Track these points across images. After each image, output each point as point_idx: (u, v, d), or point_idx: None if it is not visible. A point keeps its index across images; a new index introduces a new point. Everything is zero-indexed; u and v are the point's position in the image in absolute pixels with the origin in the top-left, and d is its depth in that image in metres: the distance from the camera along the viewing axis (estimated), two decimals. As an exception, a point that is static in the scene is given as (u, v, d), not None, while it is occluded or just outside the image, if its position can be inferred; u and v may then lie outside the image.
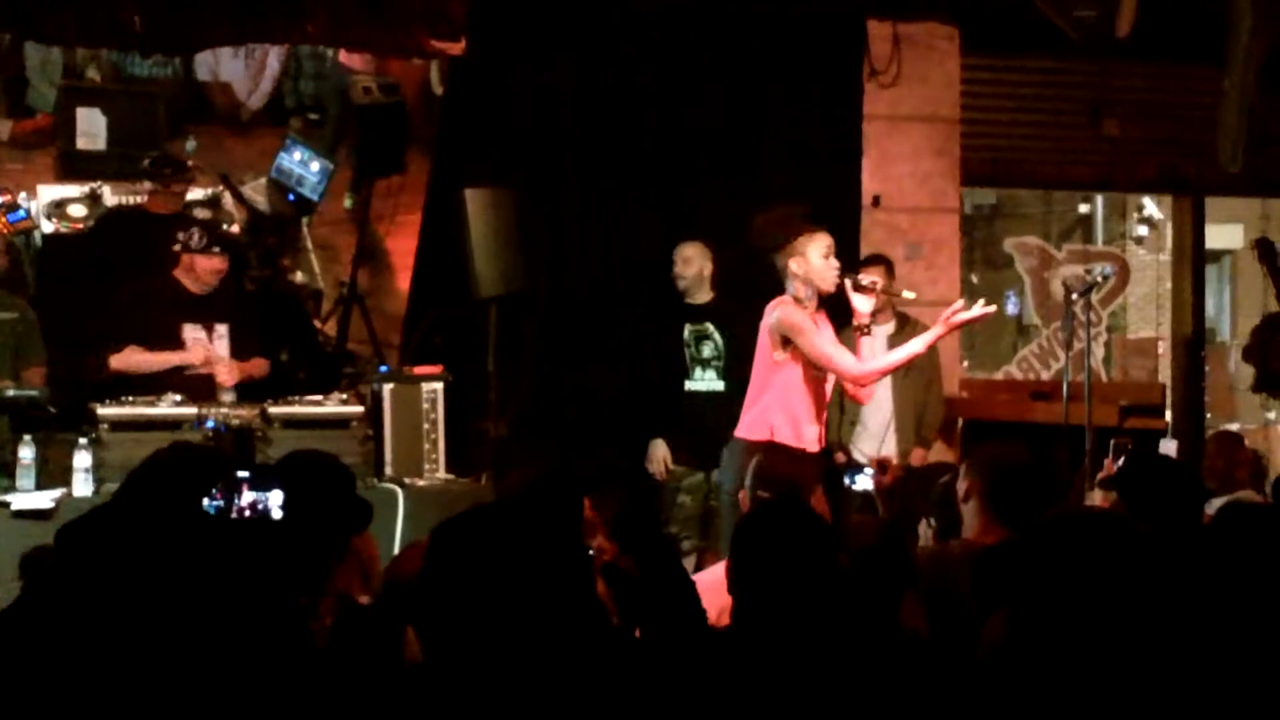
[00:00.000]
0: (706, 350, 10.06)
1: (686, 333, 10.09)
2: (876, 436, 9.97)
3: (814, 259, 7.67)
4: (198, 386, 8.96)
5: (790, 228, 7.73)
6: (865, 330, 7.78)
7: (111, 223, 10.88)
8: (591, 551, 5.05)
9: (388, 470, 8.87)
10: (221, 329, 9.20)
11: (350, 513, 5.61)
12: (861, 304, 7.75)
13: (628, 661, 4.01)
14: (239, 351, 9.23)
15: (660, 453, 9.99)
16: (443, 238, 10.19)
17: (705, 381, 10.06)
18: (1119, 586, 3.90)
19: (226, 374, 9.05)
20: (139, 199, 11.07)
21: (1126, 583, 3.91)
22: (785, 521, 4.61)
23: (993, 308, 7.64)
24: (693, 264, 10.13)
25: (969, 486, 5.92)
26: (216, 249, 9.20)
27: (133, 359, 9.01)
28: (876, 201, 11.15)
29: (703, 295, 10.17)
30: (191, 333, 9.13)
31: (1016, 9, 10.71)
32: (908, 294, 8.31)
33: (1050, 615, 3.95)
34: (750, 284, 9.70)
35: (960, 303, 7.71)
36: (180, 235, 9.20)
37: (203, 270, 9.12)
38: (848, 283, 7.71)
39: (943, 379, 10.42)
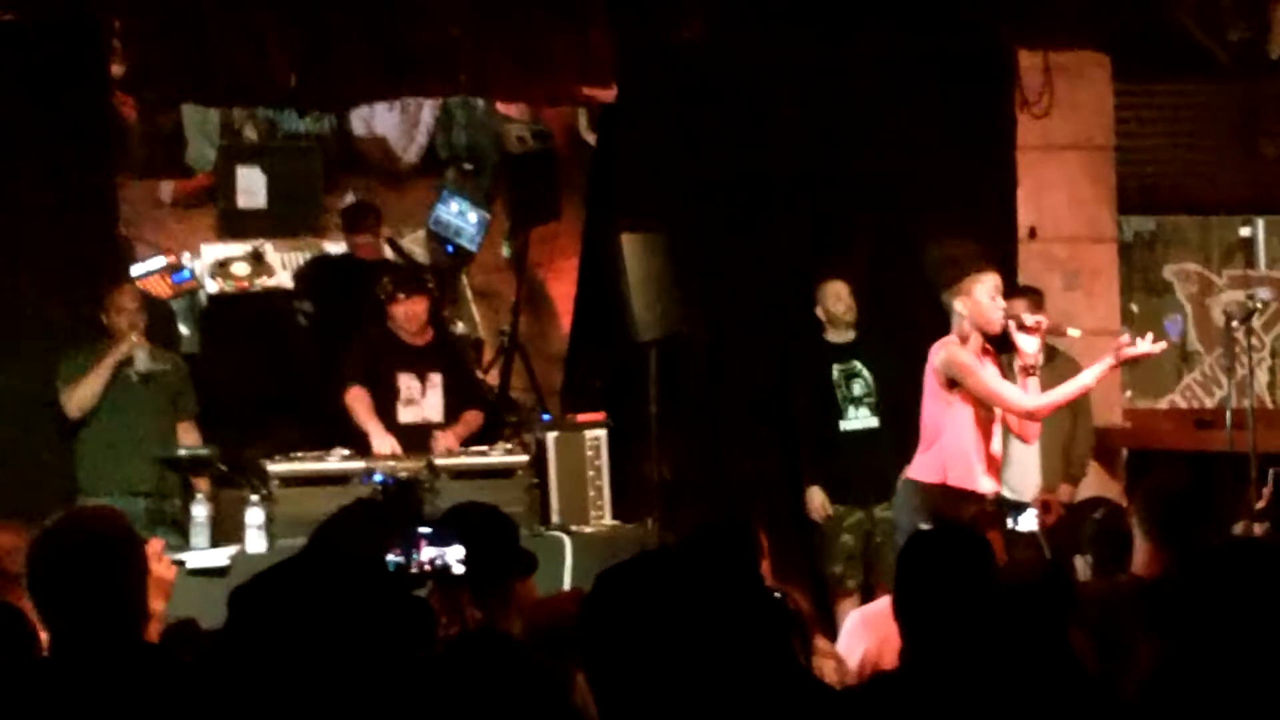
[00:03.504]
0: (857, 388, 9.98)
1: (835, 373, 10.02)
2: (1023, 471, 9.81)
3: (981, 299, 7.61)
4: (413, 438, 9.10)
5: (959, 266, 7.68)
6: (1031, 371, 7.68)
7: (321, 269, 11.03)
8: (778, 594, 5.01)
9: (554, 518, 8.94)
10: (435, 378, 9.35)
11: (514, 561, 5.68)
12: (1027, 344, 7.65)
13: (816, 705, 4.00)
14: (454, 400, 9.36)
15: (818, 500, 9.93)
16: (600, 282, 10.22)
17: (859, 420, 9.98)
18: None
19: (447, 444, 9.14)
20: (341, 248, 11.23)
21: None
22: (949, 546, 4.62)
23: (1163, 344, 7.56)
24: (843, 300, 10.06)
25: (1135, 518, 5.86)
26: (402, 295, 9.31)
27: (355, 405, 9.17)
28: (1033, 234, 11.07)
29: (847, 333, 10.11)
30: (405, 381, 9.27)
31: (1167, 34, 10.64)
32: (1073, 332, 8.18)
33: (1207, 647, 3.90)
34: (895, 318, 9.72)
35: (1126, 336, 7.65)
36: (377, 287, 9.35)
37: (402, 317, 9.27)
38: (1012, 324, 7.64)
39: (1094, 410, 10.28)
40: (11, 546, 5.76)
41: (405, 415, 9.24)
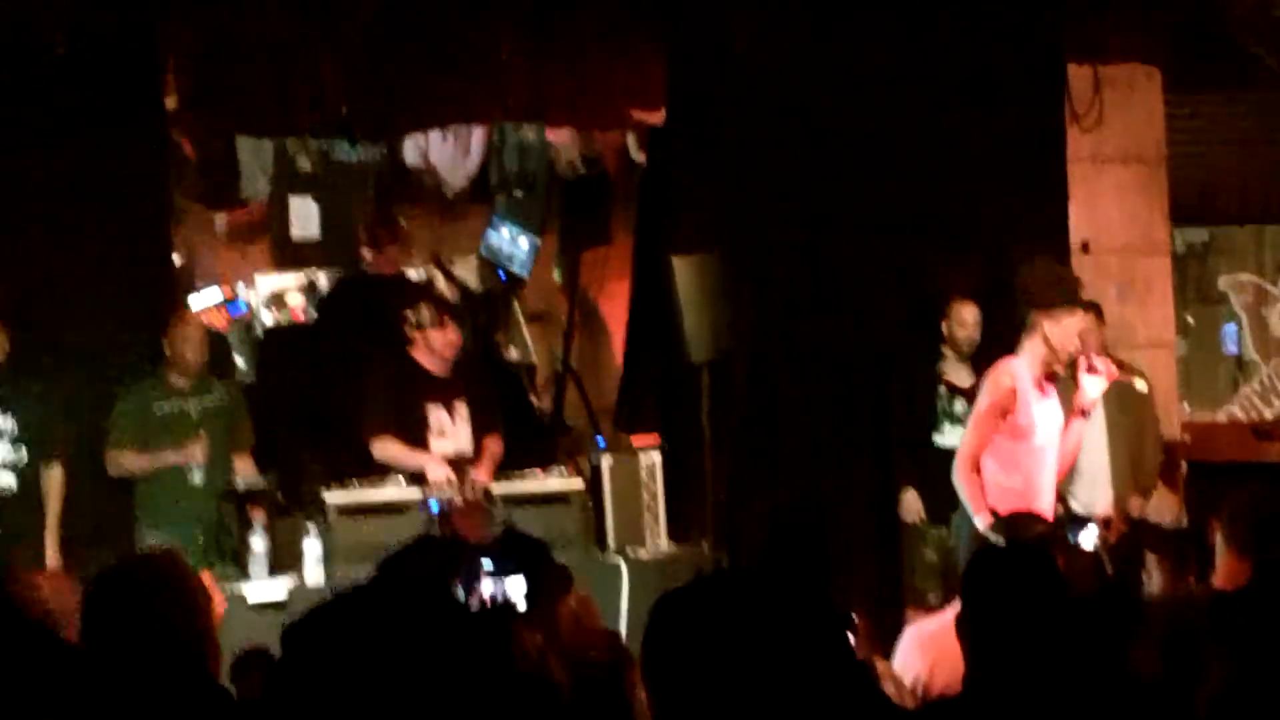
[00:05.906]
0: (959, 406, 9.88)
1: (943, 388, 9.96)
2: (1092, 484, 9.76)
3: (1070, 332, 7.59)
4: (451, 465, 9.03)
5: (1064, 293, 7.66)
6: (1085, 414, 7.67)
7: (340, 293, 11.00)
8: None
9: (610, 542, 8.94)
10: (461, 408, 9.21)
11: (552, 580, 5.70)
12: (1091, 387, 7.63)
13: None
14: (479, 426, 9.24)
15: (915, 503, 9.88)
16: (652, 304, 10.21)
17: (954, 436, 9.89)
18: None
19: (484, 479, 9.04)
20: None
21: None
22: (1012, 566, 4.60)
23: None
24: (971, 326, 10.01)
25: (1220, 530, 5.83)
26: (447, 320, 9.22)
27: (390, 451, 9.04)
28: (1086, 248, 11.02)
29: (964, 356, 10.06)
30: (434, 412, 9.15)
31: (1218, 45, 10.59)
32: (1140, 385, 8.18)
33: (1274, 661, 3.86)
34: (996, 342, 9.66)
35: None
36: (409, 314, 9.24)
37: (440, 345, 9.11)
38: (1082, 361, 7.62)
39: (1159, 422, 10.23)
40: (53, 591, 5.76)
41: (439, 447, 9.08)
